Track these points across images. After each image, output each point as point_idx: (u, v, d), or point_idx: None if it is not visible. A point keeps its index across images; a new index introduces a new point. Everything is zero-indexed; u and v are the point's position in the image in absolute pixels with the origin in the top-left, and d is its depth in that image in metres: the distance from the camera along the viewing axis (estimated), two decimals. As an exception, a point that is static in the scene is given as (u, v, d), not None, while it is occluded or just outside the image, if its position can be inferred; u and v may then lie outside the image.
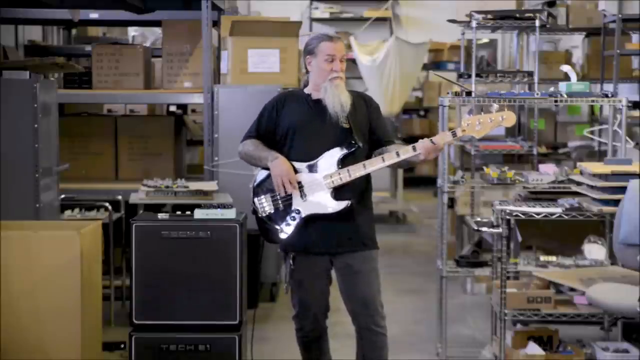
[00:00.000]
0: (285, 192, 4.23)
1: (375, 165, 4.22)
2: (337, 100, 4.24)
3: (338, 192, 4.22)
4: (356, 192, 4.26)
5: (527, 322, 5.41)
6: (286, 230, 4.27)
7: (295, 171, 4.25)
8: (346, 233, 4.27)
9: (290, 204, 4.26)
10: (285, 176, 4.21)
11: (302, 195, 4.25)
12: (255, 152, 4.33)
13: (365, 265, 4.29)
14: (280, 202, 4.27)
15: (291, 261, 4.32)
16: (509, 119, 4.14)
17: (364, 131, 4.32)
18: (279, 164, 4.23)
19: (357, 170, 4.20)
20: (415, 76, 11.59)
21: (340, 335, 5.39)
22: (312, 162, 4.25)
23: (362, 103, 4.39)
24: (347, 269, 4.30)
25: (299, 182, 4.25)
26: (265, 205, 4.30)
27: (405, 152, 4.18)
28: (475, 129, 4.14)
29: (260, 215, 4.32)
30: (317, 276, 4.34)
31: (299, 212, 4.25)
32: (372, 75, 10.33)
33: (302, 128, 4.29)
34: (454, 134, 4.17)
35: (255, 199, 4.33)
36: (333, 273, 4.38)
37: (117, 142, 7.26)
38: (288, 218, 4.26)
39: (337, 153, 4.23)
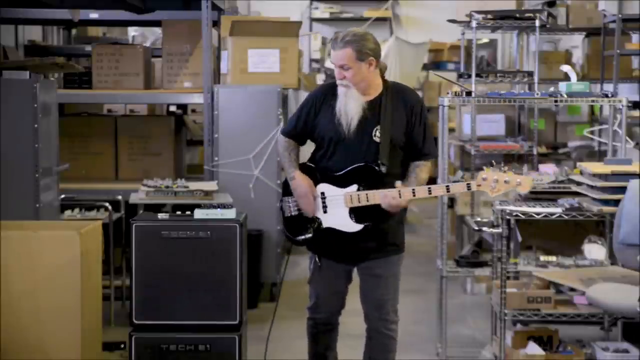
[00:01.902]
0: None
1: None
2: (342, 109, 4.14)
3: (358, 212, 4.15)
4: (378, 212, 4.14)
5: (527, 322, 5.41)
6: (306, 235, 4.25)
7: (322, 179, 4.21)
8: (370, 244, 4.24)
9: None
10: (304, 199, 4.20)
11: (324, 206, 4.21)
12: (283, 159, 4.34)
13: (385, 270, 4.29)
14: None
15: (317, 258, 4.32)
16: (525, 185, 4.02)
17: (398, 141, 4.18)
18: (297, 185, 4.21)
19: (375, 198, 4.11)
20: (415, 76, 11.60)
21: (341, 335, 5.38)
22: (337, 174, 4.18)
23: (402, 105, 4.21)
24: (368, 271, 4.31)
25: (322, 193, 4.21)
26: (291, 206, 4.30)
27: (420, 192, 4.10)
28: (490, 186, 4.03)
29: (286, 215, 4.32)
30: (337, 276, 4.35)
31: (320, 222, 4.22)
32: (372, 75, 10.32)
33: (333, 136, 4.18)
34: (469, 187, 4.10)
35: (285, 198, 4.32)
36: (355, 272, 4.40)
37: (117, 142, 7.26)
38: (309, 224, 4.24)
39: (360, 171, 4.14)
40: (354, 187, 4.14)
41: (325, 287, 4.36)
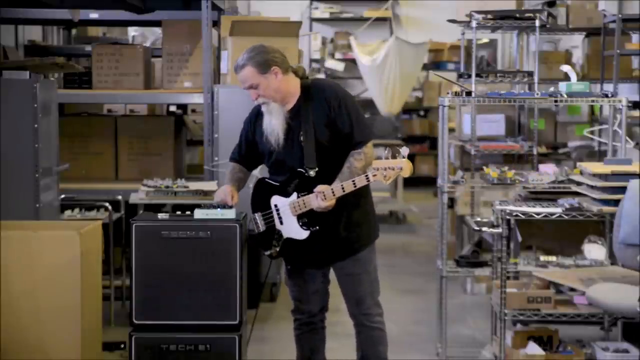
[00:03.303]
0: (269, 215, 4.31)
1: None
2: (268, 126, 4.21)
3: (307, 218, 4.20)
4: (321, 214, 4.17)
5: (527, 322, 5.41)
6: (275, 249, 4.33)
7: (274, 192, 4.27)
8: (332, 247, 4.29)
9: (274, 225, 4.32)
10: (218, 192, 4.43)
11: (279, 217, 4.28)
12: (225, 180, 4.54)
13: (355, 268, 4.34)
14: (267, 222, 4.34)
15: (285, 261, 4.43)
16: (405, 169, 4.00)
17: (326, 140, 4.18)
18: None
19: (312, 202, 4.13)
20: (415, 76, 11.60)
21: (339, 335, 5.39)
22: (279, 186, 4.27)
23: (320, 102, 4.20)
24: (341, 271, 4.38)
25: (275, 205, 4.29)
26: (259, 222, 4.38)
27: (337, 190, 4.08)
28: (382, 175, 4.01)
29: (256, 233, 4.41)
30: (310, 278, 4.42)
31: (280, 234, 4.30)
32: (372, 75, 10.33)
33: (269, 152, 4.29)
34: (368, 179, 4.05)
35: (252, 216, 4.42)
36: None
37: (117, 142, 7.26)
38: (274, 238, 4.33)
39: (294, 178, 4.21)
40: (295, 195, 4.20)
41: (299, 289, 4.44)
